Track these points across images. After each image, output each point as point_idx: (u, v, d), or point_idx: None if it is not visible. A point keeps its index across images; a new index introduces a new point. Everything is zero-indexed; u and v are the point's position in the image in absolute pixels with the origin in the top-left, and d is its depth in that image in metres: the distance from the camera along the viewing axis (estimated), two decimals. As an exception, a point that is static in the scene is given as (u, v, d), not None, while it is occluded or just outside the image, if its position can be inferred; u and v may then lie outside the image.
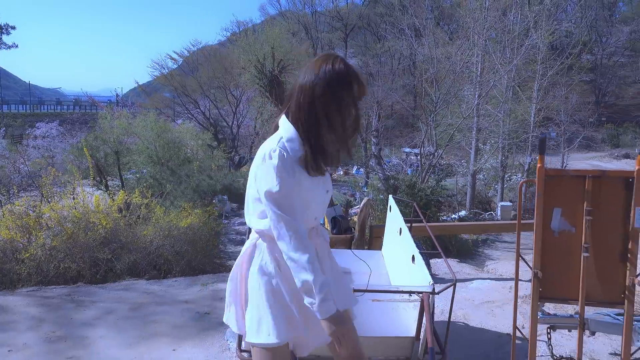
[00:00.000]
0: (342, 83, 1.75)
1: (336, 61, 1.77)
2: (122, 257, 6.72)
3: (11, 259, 6.54)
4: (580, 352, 2.64)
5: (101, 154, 14.32)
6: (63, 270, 6.19)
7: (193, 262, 7.59)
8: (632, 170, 2.52)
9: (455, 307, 4.30)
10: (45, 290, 4.72)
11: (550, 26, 19.51)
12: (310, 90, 1.77)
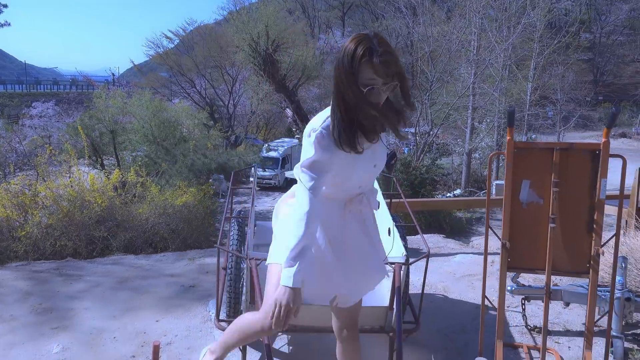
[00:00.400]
0: (345, 63, 1.76)
1: (352, 41, 1.79)
2: (118, 235, 6.79)
3: (7, 237, 6.62)
4: (545, 319, 2.74)
5: (96, 133, 14.33)
6: (59, 248, 6.27)
7: (189, 240, 7.68)
8: (599, 143, 2.58)
9: (436, 280, 4.42)
10: (35, 264, 4.81)
11: (547, 4, 19.37)
12: (333, 70, 1.85)
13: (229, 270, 2.93)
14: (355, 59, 1.74)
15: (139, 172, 8.61)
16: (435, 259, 4.89)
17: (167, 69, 26.27)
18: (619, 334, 3.23)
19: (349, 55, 1.76)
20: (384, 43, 1.76)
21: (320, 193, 1.88)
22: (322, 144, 1.84)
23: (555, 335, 3.53)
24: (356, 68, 1.74)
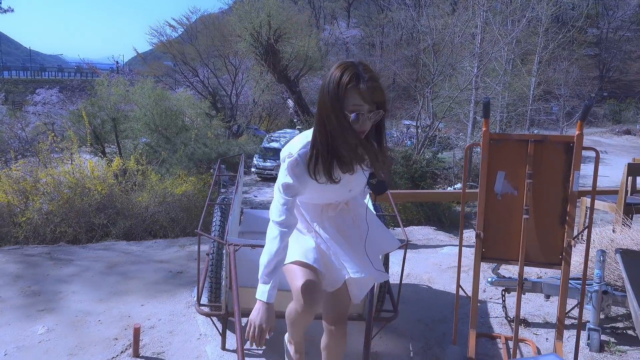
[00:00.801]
0: (330, 89, 1.78)
1: (338, 68, 1.80)
2: (117, 223, 6.88)
3: (8, 222, 6.72)
4: (518, 309, 2.79)
5: (98, 120, 14.40)
6: (59, 234, 6.36)
7: (188, 229, 7.76)
8: (573, 135, 2.61)
9: (421, 271, 4.48)
10: (26, 248, 4.88)
11: (553, -2, 19.26)
12: (318, 97, 1.89)
13: (210, 256, 2.99)
14: (342, 84, 1.75)
15: (140, 160, 8.69)
16: (422, 251, 4.94)
17: (170, 58, 26.30)
18: (596, 327, 3.28)
19: (334, 82, 1.77)
20: (370, 70, 1.78)
21: (292, 212, 2.00)
22: (294, 171, 1.92)
23: (535, 327, 3.58)
24: (342, 94, 1.75)
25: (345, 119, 1.77)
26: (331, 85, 1.77)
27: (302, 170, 1.91)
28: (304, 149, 1.91)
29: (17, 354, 2.83)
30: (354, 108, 1.76)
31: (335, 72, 1.78)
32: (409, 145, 20.63)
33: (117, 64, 33.76)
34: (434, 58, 17.32)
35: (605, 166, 22.99)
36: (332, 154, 1.86)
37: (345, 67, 1.77)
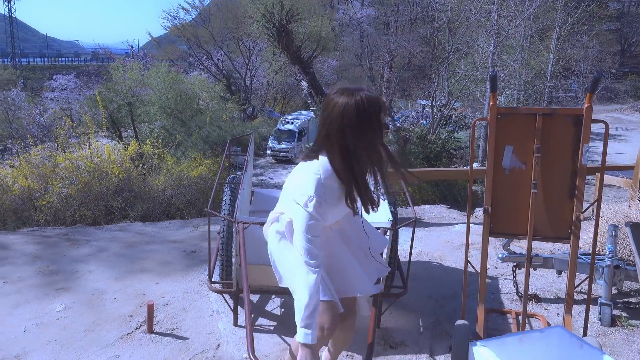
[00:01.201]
0: (375, 107, 1.85)
1: (359, 94, 1.85)
2: (135, 206, 6.98)
3: (29, 206, 6.86)
4: (527, 284, 2.79)
5: (114, 105, 14.51)
6: (79, 218, 6.49)
7: (204, 211, 7.84)
8: (582, 108, 2.57)
9: (432, 249, 4.49)
10: (45, 230, 5.00)
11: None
12: (340, 122, 1.85)
13: (221, 235, 3.04)
14: (377, 109, 1.86)
15: (155, 144, 8.77)
16: (434, 229, 4.95)
17: (185, 42, 26.32)
18: (608, 301, 3.27)
19: (376, 103, 1.85)
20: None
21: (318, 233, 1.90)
22: (322, 189, 1.87)
23: (546, 302, 3.58)
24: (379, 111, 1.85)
25: (382, 132, 1.89)
26: (374, 105, 1.84)
27: (328, 191, 1.89)
28: (326, 172, 1.89)
29: (36, 330, 2.92)
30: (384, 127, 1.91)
31: (364, 95, 1.84)
32: (424, 125, 20.50)
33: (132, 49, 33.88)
34: (449, 36, 17.08)
35: (626, 143, 22.58)
36: (357, 181, 1.91)
37: (368, 92, 1.87)
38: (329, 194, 1.89)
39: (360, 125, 1.82)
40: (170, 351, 2.74)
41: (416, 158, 15.68)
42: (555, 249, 4.43)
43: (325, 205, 1.88)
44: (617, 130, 26.15)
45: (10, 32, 54.48)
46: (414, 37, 24.46)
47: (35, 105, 17.34)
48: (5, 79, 29.16)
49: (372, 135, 1.85)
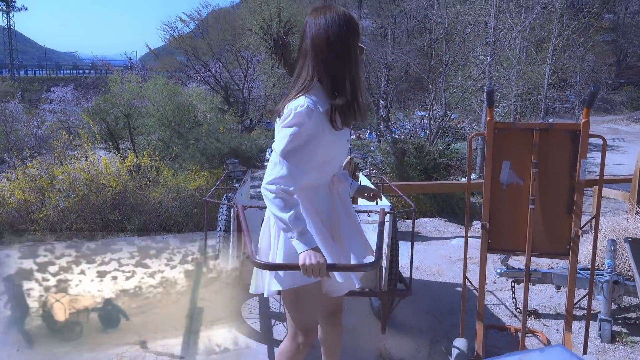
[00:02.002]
0: (351, 28, 1.85)
1: (335, 10, 1.87)
2: (132, 219, 6.95)
3: (26, 219, 6.83)
4: (525, 301, 2.76)
5: (111, 117, 14.50)
6: (75, 231, 6.45)
7: (201, 224, 7.81)
8: (579, 123, 2.57)
9: (431, 263, 4.46)
10: (39, 244, 4.96)
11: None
12: (325, 41, 1.83)
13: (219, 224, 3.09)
14: (355, 22, 1.87)
15: (153, 156, 8.75)
16: (432, 243, 4.92)
17: (183, 53, 26.41)
18: (607, 317, 3.24)
19: (348, 20, 1.85)
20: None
21: (292, 186, 1.81)
22: (308, 121, 1.79)
23: (545, 318, 3.56)
24: (357, 37, 1.87)
25: (362, 50, 1.90)
26: (348, 25, 1.84)
27: (321, 117, 1.82)
28: (315, 98, 1.83)
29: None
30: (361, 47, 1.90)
31: (342, 14, 1.86)
32: (422, 137, 20.53)
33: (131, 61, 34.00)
34: (446, 48, 17.16)
35: (623, 154, 22.63)
36: (348, 98, 1.86)
37: (343, 11, 1.88)
38: (316, 122, 1.81)
39: (351, 34, 1.86)
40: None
41: (414, 170, 15.65)
42: (553, 264, 4.41)
43: (318, 114, 1.81)
44: (613, 141, 26.21)
45: (9, 44, 54.65)
46: (411, 49, 24.57)
47: (32, 117, 17.33)
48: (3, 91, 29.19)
49: (355, 45, 1.87)
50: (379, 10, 41.67)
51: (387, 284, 2.95)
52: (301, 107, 1.79)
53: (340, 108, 1.85)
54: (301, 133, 1.79)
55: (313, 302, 2.02)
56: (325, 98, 1.85)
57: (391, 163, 16.13)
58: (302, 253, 1.78)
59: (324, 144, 1.85)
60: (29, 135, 15.59)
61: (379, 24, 33.96)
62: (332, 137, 1.87)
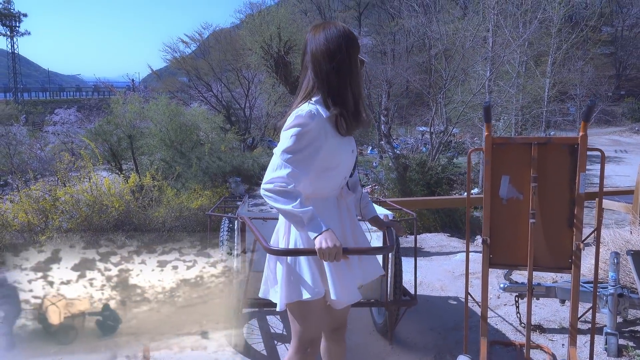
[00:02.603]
0: (350, 41, 1.93)
1: (334, 24, 1.96)
2: (135, 239, 6.96)
3: (29, 241, 6.85)
4: (529, 316, 2.74)
5: (114, 138, 14.59)
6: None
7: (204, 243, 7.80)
8: (577, 137, 2.57)
9: (434, 279, 4.44)
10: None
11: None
12: (325, 53, 1.90)
13: (222, 233, 3.18)
14: (354, 37, 1.94)
15: (155, 176, 8.78)
16: (435, 258, 4.91)
17: (184, 74, 26.61)
18: (613, 331, 3.22)
19: (348, 34, 1.93)
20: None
21: (291, 180, 1.81)
22: (310, 123, 1.83)
23: (550, 332, 3.53)
24: (357, 51, 1.94)
25: (362, 63, 1.99)
26: (347, 37, 1.91)
27: (324, 123, 1.86)
28: (318, 105, 1.89)
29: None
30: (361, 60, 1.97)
31: (341, 28, 1.94)
32: (424, 152, 20.55)
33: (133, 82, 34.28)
34: (446, 63, 17.27)
35: (626, 165, 22.60)
36: (349, 106, 1.92)
37: (342, 27, 1.95)
38: (318, 124, 1.85)
39: (352, 47, 1.93)
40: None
41: (416, 185, 15.66)
42: (558, 278, 4.39)
43: (325, 131, 1.85)
44: (616, 152, 26.20)
45: (13, 68, 55.24)
46: (411, 65, 24.75)
47: (36, 140, 17.45)
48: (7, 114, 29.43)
49: (355, 57, 1.94)
50: (378, 28, 42.09)
51: (393, 294, 2.96)
52: (302, 111, 1.85)
53: (344, 115, 1.89)
54: (302, 134, 1.82)
55: (317, 315, 2.02)
56: (328, 106, 1.90)
57: (393, 179, 16.13)
58: (316, 238, 1.77)
59: (326, 149, 1.88)
60: (32, 157, 15.69)
61: (379, 41, 34.25)
62: (335, 143, 1.91)
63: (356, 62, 1.94)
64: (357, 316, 3.60)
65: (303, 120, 1.82)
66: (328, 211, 1.98)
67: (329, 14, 42.61)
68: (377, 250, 1.99)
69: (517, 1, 18.59)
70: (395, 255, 3.01)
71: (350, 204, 2.12)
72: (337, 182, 2.01)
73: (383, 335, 3.36)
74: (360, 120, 1.95)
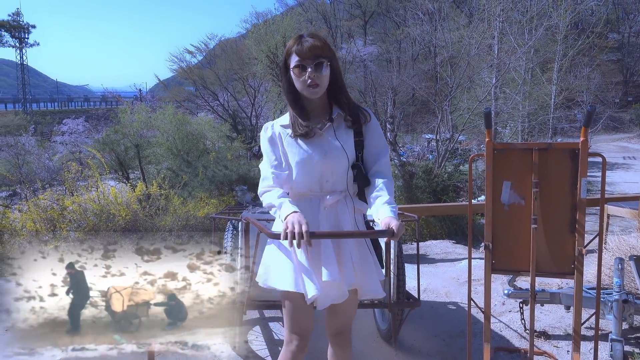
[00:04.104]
0: (284, 55, 2.09)
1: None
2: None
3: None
4: (532, 323, 2.74)
5: (122, 147, 14.71)
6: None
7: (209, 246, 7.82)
8: (577, 142, 2.58)
9: (439, 286, 4.44)
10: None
11: (571, 5, 19.07)
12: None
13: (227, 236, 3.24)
14: (287, 50, 2.07)
15: (162, 185, 8.83)
16: (440, 265, 4.90)
17: (191, 83, 26.81)
18: (618, 337, 3.20)
19: (284, 52, 2.10)
20: (313, 34, 2.06)
21: (271, 182, 2.06)
22: (264, 134, 2.13)
23: (555, 339, 3.51)
24: (287, 58, 2.05)
25: (288, 78, 2.07)
26: (283, 55, 2.09)
27: (271, 133, 2.11)
28: (282, 117, 2.16)
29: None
30: (296, 64, 2.00)
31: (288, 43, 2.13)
32: (430, 159, 20.53)
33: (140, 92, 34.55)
34: (451, 71, 17.29)
35: (635, 172, 22.47)
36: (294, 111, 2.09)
37: (292, 38, 2.09)
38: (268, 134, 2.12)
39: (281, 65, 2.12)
40: None
41: (422, 192, 15.64)
42: (563, 284, 4.37)
43: (272, 129, 2.12)
44: (624, 159, 26.06)
45: (22, 79, 55.86)
46: (416, 73, 24.78)
47: (44, 150, 17.61)
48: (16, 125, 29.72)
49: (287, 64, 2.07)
50: (383, 36, 42.22)
51: (396, 295, 2.97)
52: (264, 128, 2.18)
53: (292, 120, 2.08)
54: (261, 144, 2.16)
55: (299, 312, 2.08)
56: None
57: (400, 186, 16.11)
58: (284, 221, 1.89)
59: (287, 150, 2.08)
60: (41, 167, 15.83)
61: (384, 49, 34.37)
62: (295, 144, 2.06)
63: (287, 68, 2.06)
64: (361, 322, 3.61)
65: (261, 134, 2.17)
66: (305, 212, 2.00)
67: (334, 23, 42.84)
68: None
69: (522, 8, 18.61)
70: (398, 258, 3.02)
71: (341, 211, 2.09)
72: (309, 181, 2.07)
73: (387, 341, 3.36)
74: (298, 124, 2.07)
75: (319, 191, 2.08)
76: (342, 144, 2.05)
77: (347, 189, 2.09)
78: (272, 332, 3.58)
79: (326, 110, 2.10)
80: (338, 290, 2.02)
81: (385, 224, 1.91)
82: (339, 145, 2.05)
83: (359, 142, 2.08)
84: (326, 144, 2.05)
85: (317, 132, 2.05)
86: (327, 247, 2.00)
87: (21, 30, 58.77)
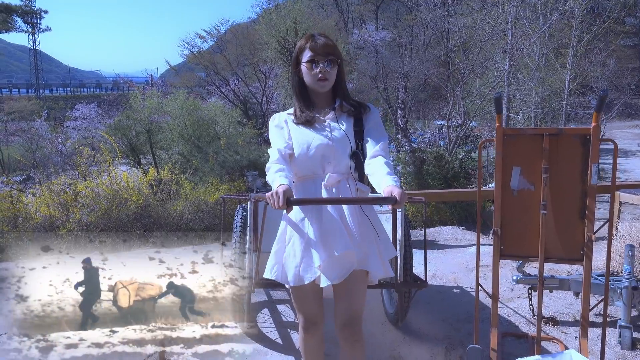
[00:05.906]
0: (295, 52, 2.26)
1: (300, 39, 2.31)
2: (154, 232, 7.08)
3: (51, 234, 7.00)
4: (540, 308, 2.74)
5: (133, 132, 14.79)
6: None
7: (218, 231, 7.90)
8: (589, 127, 2.56)
9: (447, 272, 4.45)
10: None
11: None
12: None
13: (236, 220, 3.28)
14: (300, 47, 2.24)
15: (173, 170, 8.89)
16: (449, 251, 4.91)
17: (202, 69, 26.77)
18: (627, 324, 3.20)
19: (296, 48, 2.28)
20: (323, 35, 2.24)
21: (275, 159, 2.14)
22: (272, 122, 2.28)
23: (564, 325, 3.52)
24: (300, 54, 2.21)
25: (297, 72, 2.23)
26: (294, 51, 2.26)
27: (279, 120, 2.26)
28: (290, 108, 2.31)
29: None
30: (309, 59, 2.16)
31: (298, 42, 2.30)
32: (442, 146, 20.42)
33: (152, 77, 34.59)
34: (464, 56, 17.11)
35: (650, 160, 22.19)
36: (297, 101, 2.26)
37: (304, 37, 2.28)
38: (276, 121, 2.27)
39: (293, 60, 2.29)
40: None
41: (433, 179, 15.58)
42: (572, 270, 4.36)
43: (279, 117, 2.27)
44: (639, 146, 25.74)
45: (35, 65, 56.20)
46: (428, 59, 24.56)
47: (57, 135, 17.76)
48: (29, 110, 29.99)
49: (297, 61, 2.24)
50: (395, 21, 41.83)
51: (403, 275, 2.98)
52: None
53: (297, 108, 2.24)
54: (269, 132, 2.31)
55: (306, 299, 2.22)
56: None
57: (410, 173, 16.05)
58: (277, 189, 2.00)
59: (294, 136, 2.20)
60: (54, 152, 15.98)
61: (396, 34, 34.04)
62: (301, 130, 2.20)
63: (298, 65, 2.22)
64: (369, 306, 3.63)
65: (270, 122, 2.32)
66: (305, 190, 2.19)
67: (346, 8, 42.46)
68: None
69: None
70: (405, 237, 3.03)
71: (342, 193, 2.16)
72: (312, 164, 2.18)
73: (395, 325, 3.39)
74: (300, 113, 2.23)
75: (322, 174, 2.19)
76: (344, 129, 2.19)
77: (349, 171, 2.18)
78: (280, 314, 3.62)
79: (329, 103, 2.25)
80: (341, 268, 2.08)
81: (388, 192, 1.94)
82: (340, 129, 2.18)
83: (359, 132, 2.21)
84: (328, 129, 2.19)
85: (319, 119, 2.21)
86: (335, 222, 2.10)
87: (33, 15, 58.98)
